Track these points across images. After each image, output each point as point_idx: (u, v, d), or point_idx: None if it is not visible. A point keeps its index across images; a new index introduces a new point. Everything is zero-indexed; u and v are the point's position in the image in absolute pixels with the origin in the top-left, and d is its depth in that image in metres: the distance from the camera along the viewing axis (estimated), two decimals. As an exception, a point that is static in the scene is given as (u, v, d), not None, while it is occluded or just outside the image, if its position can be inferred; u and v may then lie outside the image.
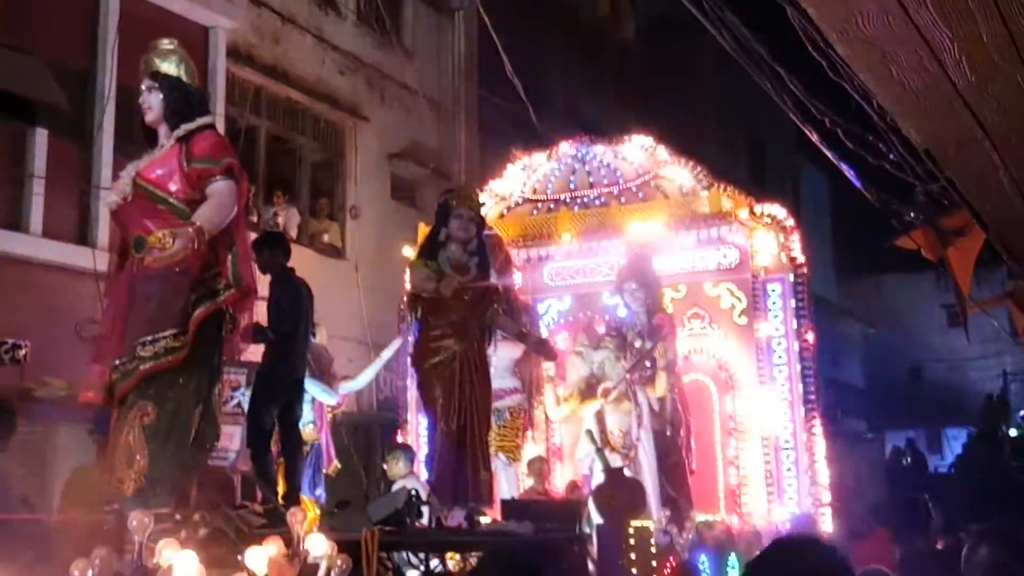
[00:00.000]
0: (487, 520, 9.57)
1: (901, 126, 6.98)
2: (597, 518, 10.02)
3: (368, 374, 13.47)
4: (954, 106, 6.05)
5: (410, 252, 12.57)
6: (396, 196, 20.69)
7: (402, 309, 12.92)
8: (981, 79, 5.71)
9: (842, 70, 6.92)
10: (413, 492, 8.60)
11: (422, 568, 8.52)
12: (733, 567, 11.86)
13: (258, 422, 9.82)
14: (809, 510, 12.40)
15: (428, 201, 19.77)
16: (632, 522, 9.61)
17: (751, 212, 12.97)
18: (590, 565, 9.46)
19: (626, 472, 10.96)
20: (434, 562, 8.66)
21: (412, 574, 8.57)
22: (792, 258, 12.96)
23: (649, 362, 11.85)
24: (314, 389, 11.21)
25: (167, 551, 5.59)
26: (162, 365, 6.55)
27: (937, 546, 15.95)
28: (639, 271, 12.29)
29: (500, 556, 5.32)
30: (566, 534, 9.48)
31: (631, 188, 13.67)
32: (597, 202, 13.78)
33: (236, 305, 6.99)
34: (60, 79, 13.91)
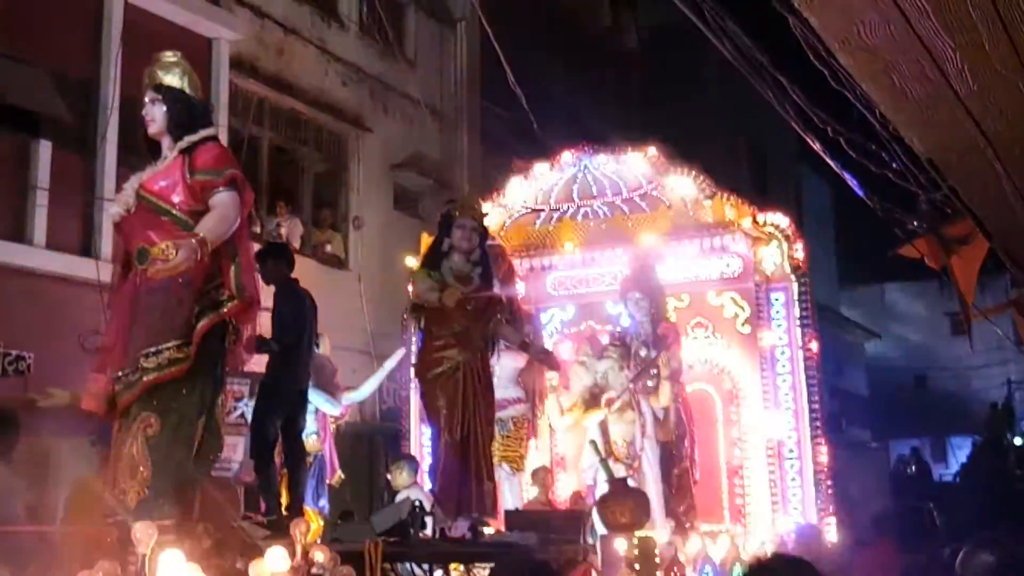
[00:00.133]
0: (491, 531, 9.55)
1: (904, 135, 6.98)
2: (601, 528, 10.00)
3: (371, 385, 13.46)
4: (957, 115, 6.04)
5: (413, 262, 12.57)
6: (399, 206, 20.71)
7: (405, 319, 12.92)
8: (983, 88, 5.71)
9: (844, 79, 6.92)
10: (417, 502, 8.60)
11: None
12: (737, 577, 11.86)
13: (262, 433, 9.81)
14: (814, 520, 12.39)
15: (431, 211, 19.76)
16: (636, 533, 9.60)
17: (754, 221, 12.97)
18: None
19: (630, 482, 10.93)
20: (438, 573, 8.65)
21: (416, 584, 8.56)
22: (795, 267, 12.95)
23: (653, 372, 11.85)
24: (317, 400, 11.21)
25: (171, 563, 5.59)
26: (165, 376, 6.55)
27: (943, 555, 15.95)
28: (643, 281, 12.29)
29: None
30: (570, 544, 9.47)
31: (634, 198, 13.67)
32: (600, 212, 13.78)
33: (239, 316, 6.98)
34: (64, 91, 13.94)
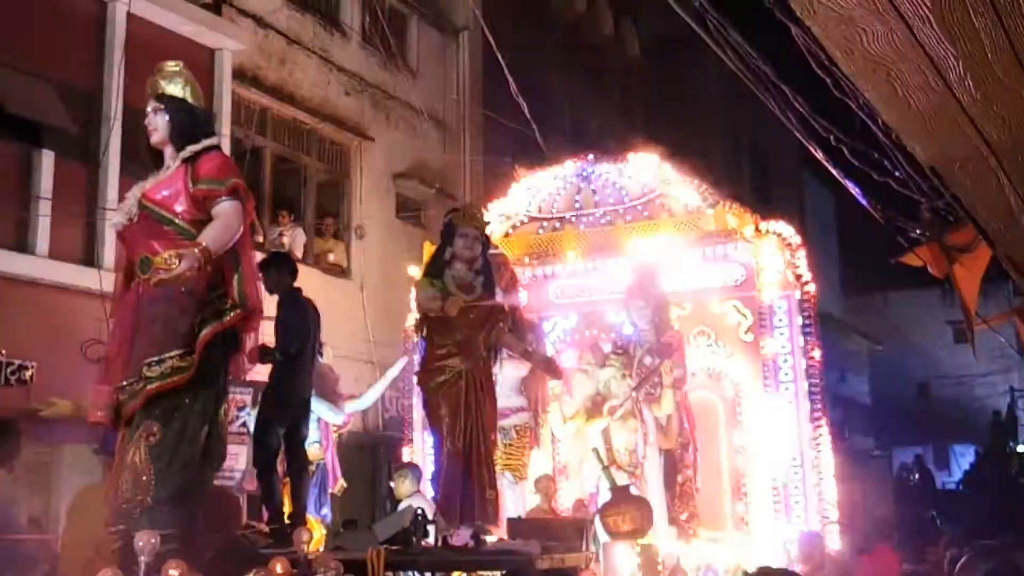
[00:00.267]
0: (493, 539, 9.54)
1: (906, 143, 6.99)
2: (604, 536, 10.00)
3: (374, 393, 13.45)
4: (959, 123, 6.05)
5: (415, 271, 12.57)
6: (401, 216, 20.73)
7: (409, 330, 12.92)
8: (986, 96, 5.72)
9: (847, 88, 6.93)
10: (419, 511, 8.60)
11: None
12: (740, 585, 11.84)
13: (265, 442, 9.81)
14: (816, 528, 12.37)
15: (433, 220, 19.78)
16: (639, 540, 9.60)
17: (756, 229, 12.95)
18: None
19: (632, 490, 10.93)
20: (440, 581, 8.66)
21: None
22: (798, 275, 12.92)
23: (655, 380, 11.84)
24: (320, 408, 11.21)
25: (173, 571, 5.59)
26: (168, 385, 6.56)
27: (945, 562, 15.94)
28: (646, 289, 12.28)
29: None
30: (573, 552, 9.46)
31: (636, 206, 13.65)
32: (602, 220, 13.76)
33: (242, 325, 7.00)
34: (66, 101, 13.97)
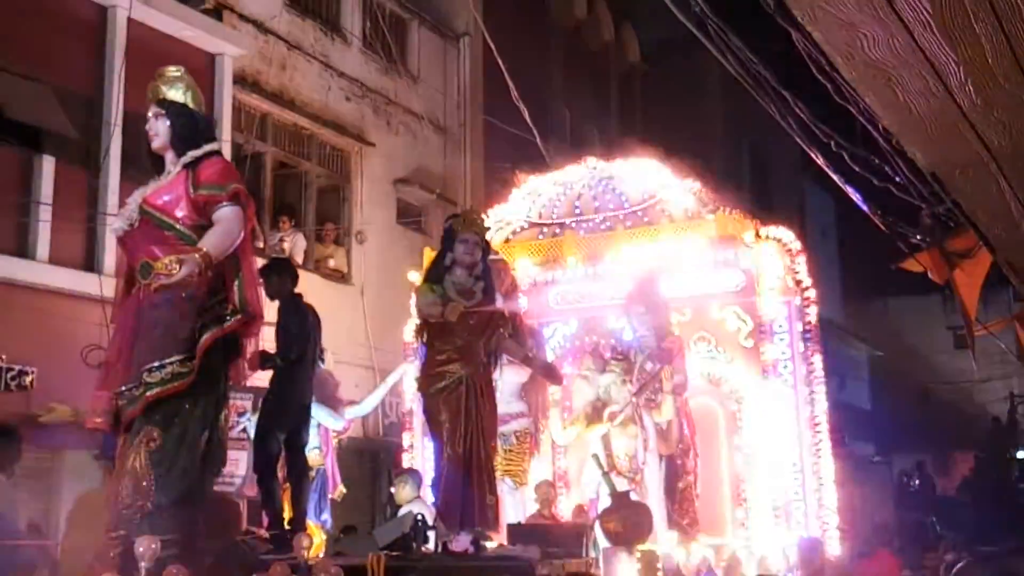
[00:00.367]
0: (493, 545, 9.54)
1: (907, 149, 7.00)
2: (603, 542, 9.99)
3: (374, 399, 13.47)
4: (960, 129, 6.05)
5: (416, 277, 12.57)
6: (402, 221, 20.73)
7: (410, 339, 12.91)
8: (987, 102, 5.72)
9: (848, 93, 6.93)
10: (419, 517, 8.59)
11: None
12: (741, 591, 11.84)
13: (265, 447, 9.80)
14: (816, 533, 12.36)
15: (434, 226, 19.84)
16: (639, 546, 9.59)
17: (757, 235, 12.96)
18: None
19: (632, 496, 10.93)
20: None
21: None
22: (798, 281, 12.92)
23: (655, 385, 11.84)
24: (320, 414, 11.20)
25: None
26: (168, 391, 6.55)
27: (942, 568, 15.97)
28: (647, 295, 12.28)
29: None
30: (573, 558, 9.46)
31: (636, 212, 13.66)
32: (602, 226, 13.77)
33: (242, 330, 6.99)
34: (67, 106, 13.97)
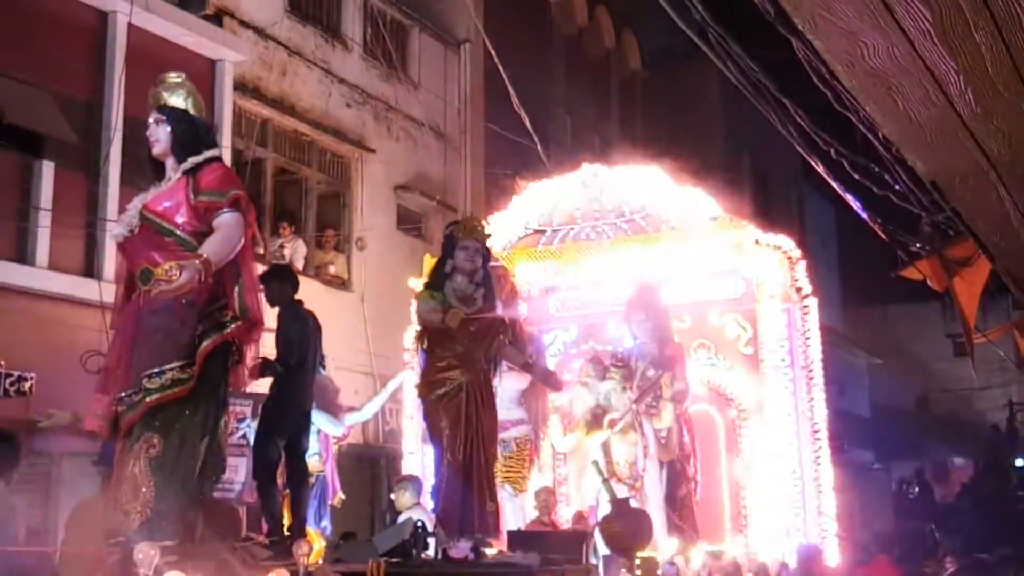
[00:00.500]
0: (493, 551, 9.54)
1: (907, 157, 7.01)
2: (603, 549, 9.99)
3: (374, 405, 13.46)
4: (959, 137, 6.06)
5: (417, 284, 12.58)
6: (402, 227, 20.72)
7: (411, 345, 12.91)
8: (986, 110, 5.73)
9: (848, 101, 6.95)
10: (419, 523, 8.59)
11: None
12: (740, 598, 11.83)
13: (265, 454, 9.79)
14: (816, 540, 12.37)
15: (434, 232, 19.81)
16: (638, 553, 9.60)
17: (757, 242, 12.97)
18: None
19: (632, 503, 10.93)
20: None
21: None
22: (798, 288, 12.94)
23: (655, 393, 11.85)
24: (320, 420, 11.19)
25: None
26: (168, 397, 6.54)
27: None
28: (647, 302, 12.29)
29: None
30: (572, 565, 9.45)
31: (636, 218, 13.67)
32: (603, 233, 13.78)
33: (243, 337, 6.98)
34: (67, 112, 13.98)
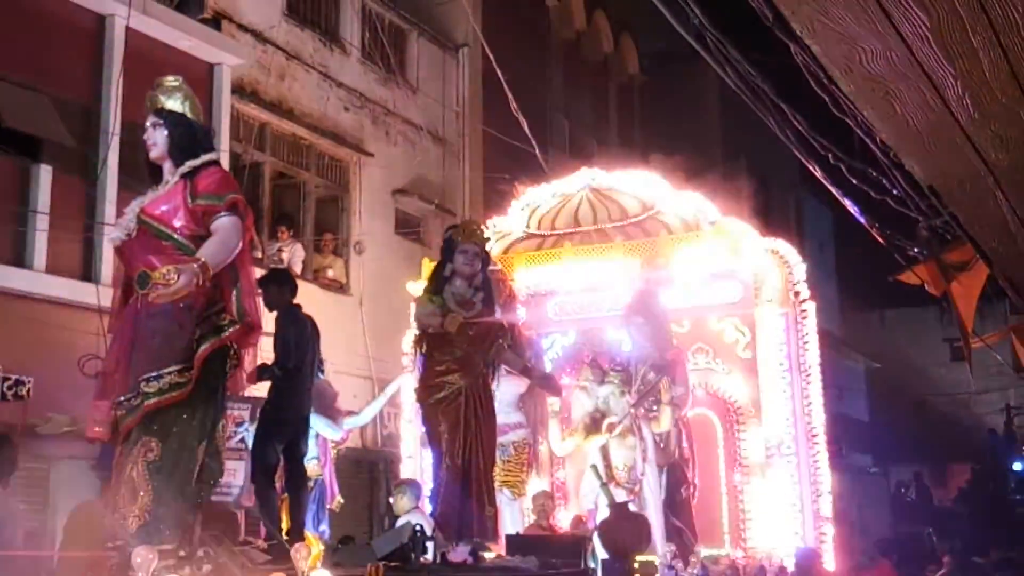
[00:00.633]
0: (492, 555, 9.54)
1: (904, 162, 7.01)
2: (602, 553, 9.99)
3: (372, 410, 13.45)
4: (957, 142, 6.07)
5: (415, 288, 12.58)
6: (400, 231, 20.71)
7: (410, 349, 12.91)
8: (984, 115, 5.73)
9: (846, 106, 6.95)
10: (417, 527, 8.58)
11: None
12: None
13: (263, 458, 9.78)
14: (814, 544, 12.37)
15: (432, 236, 19.83)
16: (637, 557, 9.60)
17: (755, 247, 12.98)
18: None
19: (631, 507, 10.93)
20: (439, 598, 8.63)
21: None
22: (796, 292, 12.96)
23: (653, 397, 11.86)
24: (318, 424, 11.19)
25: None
26: (166, 401, 6.53)
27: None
28: (646, 306, 12.30)
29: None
30: (571, 569, 9.46)
31: (635, 223, 13.69)
32: (601, 237, 13.79)
33: (240, 341, 6.97)
34: (65, 115, 13.96)
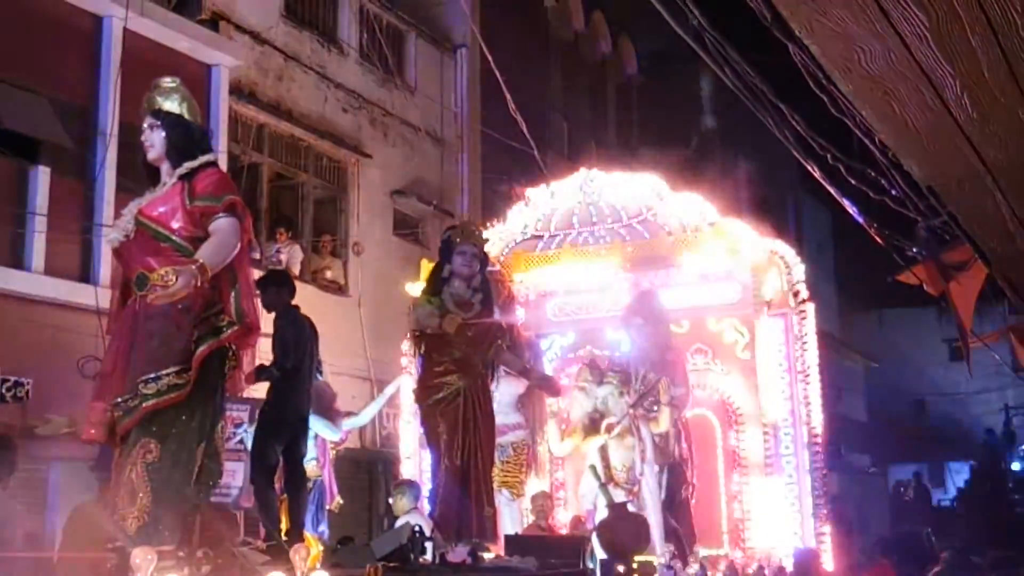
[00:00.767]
0: (490, 556, 9.54)
1: (903, 162, 7.01)
2: (601, 553, 9.99)
3: (371, 410, 13.45)
4: (956, 142, 6.06)
5: (413, 288, 12.58)
6: (399, 232, 20.70)
7: (407, 347, 12.90)
8: (983, 115, 5.73)
9: (844, 106, 6.95)
10: (416, 528, 8.58)
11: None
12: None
13: (262, 459, 9.80)
14: (812, 544, 12.38)
15: (431, 237, 19.85)
16: (636, 557, 9.60)
17: (753, 247, 12.98)
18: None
19: (630, 507, 10.93)
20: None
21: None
22: (795, 293, 12.96)
23: (653, 397, 11.85)
24: (317, 425, 11.19)
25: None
26: (165, 402, 6.54)
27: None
28: (645, 307, 12.30)
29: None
30: (570, 569, 9.46)
31: (633, 224, 13.68)
32: (600, 238, 13.79)
33: (239, 342, 6.98)
34: (62, 116, 13.95)
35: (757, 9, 7.03)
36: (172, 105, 7.14)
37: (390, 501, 12.46)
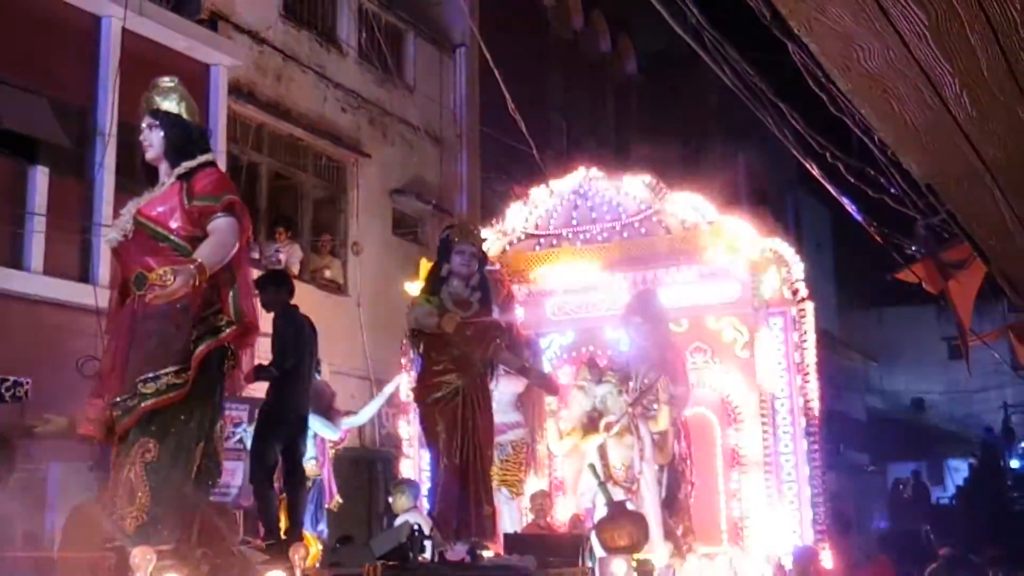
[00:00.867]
0: (490, 554, 9.54)
1: (902, 160, 7.01)
2: (600, 552, 9.99)
3: (370, 410, 13.45)
4: (955, 140, 6.06)
5: (412, 288, 12.57)
6: (398, 232, 20.71)
7: (404, 344, 12.89)
8: (982, 113, 5.73)
9: (843, 105, 6.95)
10: (416, 526, 8.58)
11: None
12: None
13: (262, 458, 9.80)
14: (811, 542, 12.38)
15: (430, 237, 19.84)
16: (634, 556, 9.60)
17: (753, 246, 12.97)
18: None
19: (628, 506, 10.93)
20: (437, 597, 8.63)
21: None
22: (794, 291, 12.95)
23: (652, 396, 11.85)
24: (316, 424, 11.19)
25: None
26: (164, 402, 6.54)
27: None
28: (645, 306, 12.29)
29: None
30: (569, 568, 9.46)
31: (633, 223, 13.66)
32: (599, 237, 13.77)
33: (238, 341, 6.98)
34: (61, 116, 13.96)
35: (756, 8, 7.03)
36: (170, 105, 7.14)
37: (389, 500, 12.46)
